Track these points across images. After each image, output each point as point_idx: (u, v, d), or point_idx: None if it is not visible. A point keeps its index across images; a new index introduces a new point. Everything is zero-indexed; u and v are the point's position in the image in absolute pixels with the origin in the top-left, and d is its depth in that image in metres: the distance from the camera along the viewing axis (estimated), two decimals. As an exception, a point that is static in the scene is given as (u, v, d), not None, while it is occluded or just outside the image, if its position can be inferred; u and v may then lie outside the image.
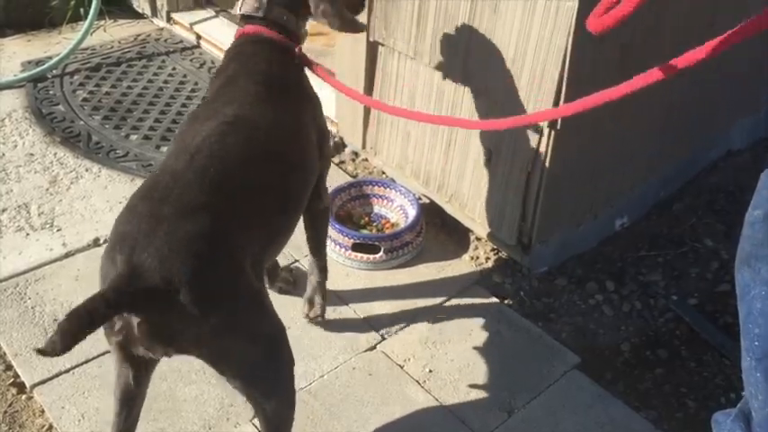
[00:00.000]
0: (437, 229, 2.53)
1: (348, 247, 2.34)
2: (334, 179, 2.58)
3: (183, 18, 3.69)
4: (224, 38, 3.49)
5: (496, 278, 2.34)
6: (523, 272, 2.36)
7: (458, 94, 2.30)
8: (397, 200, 2.54)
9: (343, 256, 2.35)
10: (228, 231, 1.37)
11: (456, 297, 2.26)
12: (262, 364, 1.45)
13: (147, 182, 1.43)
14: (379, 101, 2.47)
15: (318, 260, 2.08)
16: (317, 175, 1.82)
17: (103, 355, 1.99)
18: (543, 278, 2.35)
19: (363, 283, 2.31)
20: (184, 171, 1.40)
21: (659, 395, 2.00)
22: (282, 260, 2.29)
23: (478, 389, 1.98)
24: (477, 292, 2.27)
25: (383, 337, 2.12)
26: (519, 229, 2.28)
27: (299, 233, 1.82)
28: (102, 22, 3.73)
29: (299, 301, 2.14)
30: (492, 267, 2.38)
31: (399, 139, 2.60)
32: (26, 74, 3.26)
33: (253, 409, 1.53)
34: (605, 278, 2.35)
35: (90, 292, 1.20)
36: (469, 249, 2.44)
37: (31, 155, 2.80)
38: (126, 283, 1.23)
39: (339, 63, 2.72)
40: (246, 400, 1.52)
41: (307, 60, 1.84)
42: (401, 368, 2.03)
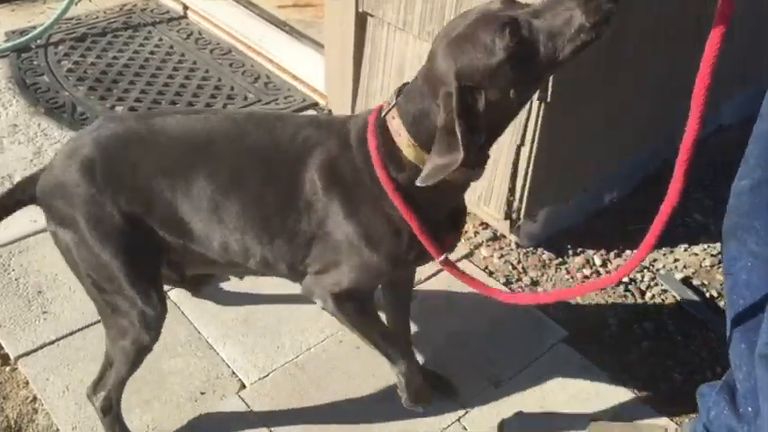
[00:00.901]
0: (426, 203, 2.51)
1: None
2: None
3: (170, -12, 3.63)
4: (211, 9, 3.44)
5: (485, 252, 2.34)
6: (512, 246, 2.35)
7: (447, 66, 2.27)
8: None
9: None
10: None
11: (444, 270, 2.24)
12: None
13: None
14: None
15: None
16: None
17: (88, 327, 1.98)
18: (532, 252, 2.34)
19: (351, 256, 2.29)
20: None
21: (646, 368, 2.01)
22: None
23: (466, 361, 1.98)
24: (466, 266, 2.27)
25: (370, 310, 2.11)
26: (507, 204, 2.26)
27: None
28: (88, -9, 3.67)
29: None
30: (480, 241, 2.37)
31: (388, 112, 2.57)
32: (10, 44, 3.21)
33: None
34: (593, 252, 2.35)
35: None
36: (458, 223, 2.43)
37: (15, 125, 2.75)
38: None
39: (328, 34, 2.68)
40: None
41: None
42: (388, 341, 2.02)
